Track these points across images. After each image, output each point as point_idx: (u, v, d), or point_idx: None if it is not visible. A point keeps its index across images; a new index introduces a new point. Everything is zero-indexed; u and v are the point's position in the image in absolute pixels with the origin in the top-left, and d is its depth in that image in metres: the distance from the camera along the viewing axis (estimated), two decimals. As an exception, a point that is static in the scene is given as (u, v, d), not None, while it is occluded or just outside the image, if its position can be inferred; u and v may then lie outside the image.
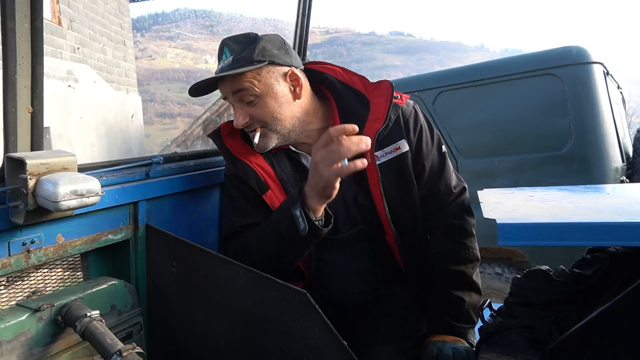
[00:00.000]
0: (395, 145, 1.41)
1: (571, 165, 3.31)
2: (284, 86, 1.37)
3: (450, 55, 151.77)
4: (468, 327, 1.40)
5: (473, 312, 1.41)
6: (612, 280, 1.12)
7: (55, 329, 1.10)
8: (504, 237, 0.92)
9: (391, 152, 1.41)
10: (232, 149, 1.46)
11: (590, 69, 3.33)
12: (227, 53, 1.35)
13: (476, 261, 1.45)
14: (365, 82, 1.46)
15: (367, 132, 1.38)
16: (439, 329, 1.39)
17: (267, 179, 1.42)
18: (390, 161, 1.41)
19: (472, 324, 1.41)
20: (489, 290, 3.60)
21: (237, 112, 1.38)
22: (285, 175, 1.44)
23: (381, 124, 1.37)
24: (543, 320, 1.11)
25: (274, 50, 1.36)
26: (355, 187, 1.44)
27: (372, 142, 1.36)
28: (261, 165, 1.43)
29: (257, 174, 1.42)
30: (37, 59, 1.04)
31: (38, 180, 1.01)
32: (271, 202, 1.42)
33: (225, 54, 1.35)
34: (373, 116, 1.39)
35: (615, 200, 1.27)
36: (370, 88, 1.45)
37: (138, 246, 1.38)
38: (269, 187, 1.42)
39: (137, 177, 1.40)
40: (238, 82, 1.34)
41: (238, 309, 1.24)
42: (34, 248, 1.11)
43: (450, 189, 1.47)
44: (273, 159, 1.46)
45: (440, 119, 3.75)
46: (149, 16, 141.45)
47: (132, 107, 10.61)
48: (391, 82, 1.43)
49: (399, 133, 1.42)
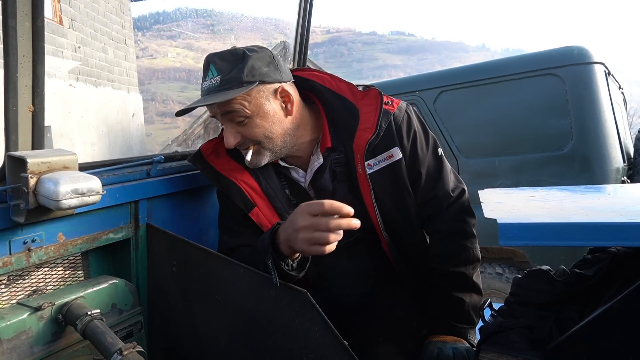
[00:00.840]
0: (388, 154, 1.38)
1: (572, 165, 3.31)
2: (275, 104, 1.34)
3: (452, 55, 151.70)
4: (469, 327, 1.39)
5: (474, 313, 1.41)
6: (613, 280, 1.12)
7: (56, 327, 1.10)
8: (505, 237, 0.92)
9: (384, 160, 1.38)
10: (216, 166, 1.43)
11: (592, 69, 3.32)
12: (213, 72, 1.29)
13: (477, 262, 1.44)
14: (353, 90, 1.42)
15: (357, 142, 1.35)
16: (440, 330, 1.39)
17: (254, 195, 1.40)
18: (383, 169, 1.38)
19: (473, 325, 1.41)
20: (489, 290, 3.60)
21: (227, 132, 1.33)
22: (272, 190, 1.41)
23: (372, 134, 1.34)
24: (544, 320, 1.11)
25: (264, 68, 1.31)
26: (350, 196, 1.41)
27: (363, 152, 1.34)
28: (247, 181, 1.40)
29: (243, 191, 1.39)
30: (38, 58, 1.04)
31: (39, 179, 1.01)
32: (258, 219, 1.39)
33: (211, 72, 1.30)
34: (363, 126, 1.36)
35: (617, 201, 1.27)
36: (358, 96, 1.40)
37: (139, 245, 1.38)
38: (255, 205, 1.39)
39: (137, 176, 1.40)
40: (227, 104, 1.29)
41: (238, 309, 1.24)
42: (35, 247, 1.11)
43: (448, 193, 1.44)
44: (259, 174, 1.42)
45: (441, 119, 3.74)
46: (150, 15, 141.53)
47: (133, 107, 10.63)
48: (379, 90, 1.39)
49: (391, 140, 1.38)
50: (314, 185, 1.43)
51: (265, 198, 1.41)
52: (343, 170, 1.42)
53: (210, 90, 1.29)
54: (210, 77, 1.30)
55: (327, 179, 1.42)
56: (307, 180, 1.44)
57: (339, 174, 1.42)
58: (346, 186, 1.42)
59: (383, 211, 1.39)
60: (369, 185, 1.36)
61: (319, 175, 1.42)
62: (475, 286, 1.43)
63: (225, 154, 1.45)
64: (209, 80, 1.30)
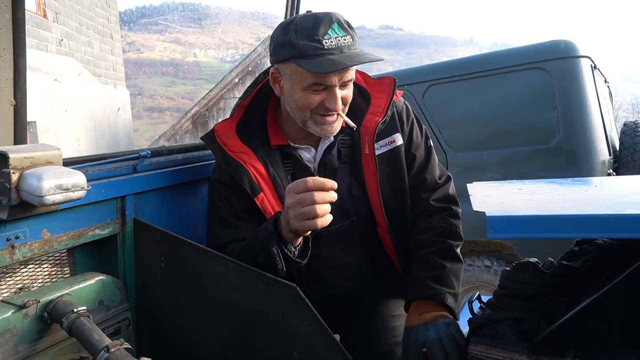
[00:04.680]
0: (390, 139, 1.44)
1: (559, 158, 3.34)
2: None
3: (440, 49, 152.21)
4: (448, 291, 1.35)
5: (454, 279, 1.38)
6: (600, 272, 1.13)
7: (42, 325, 1.08)
8: (493, 230, 0.92)
9: (386, 145, 1.44)
10: (226, 148, 1.42)
11: (578, 62, 3.35)
12: (338, 30, 1.25)
13: (460, 240, 1.45)
14: (366, 78, 1.49)
15: (366, 124, 1.40)
16: (419, 292, 1.36)
17: (260, 180, 1.40)
18: (385, 154, 1.43)
19: (453, 290, 1.36)
20: (478, 283, 3.63)
21: (336, 96, 1.30)
22: (277, 177, 1.42)
23: (381, 118, 1.40)
24: (532, 312, 1.11)
25: None
26: (350, 178, 1.44)
27: (373, 134, 1.39)
28: (255, 165, 1.41)
29: (251, 175, 1.39)
30: (19, 51, 1.02)
31: (22, 175, 0.99)
32: (262, 205, 1.40)
33: (337, 30, 1.25)
34: (373, 109, 1.42)
35: (603, 193, 1.28)
36: (371, 83, 1.48)
37: (126, 241, 1.37)
38: (262, 190, 1.40)
39: (124, 171, 1.38)
40: (353, 71, 1.31)
41: (227, 304, 1.23)
42: (19, 244, 1.09)
43: (435, 179, 1.51)
44: (267, 159, 1.43)
45: (430, 113, 3.75)
46: (137, 9, 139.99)
47: (120, 101, 10.50)
48: (394, 78, 1.46)
49: (393, 127, 1.45)
50: (321, 163, 1.46)
51: (271, 184, 1.41)
52: (347, 152, 1.46)
53: (346, 48, 1.26)
54: (337, 35, 1.25)
55: (334, 156, 1.46)
56: (318, 159, 1.46)
57: (344, 155, 1.46)
58: (348, 168, 1.45)
59: (383, 194, 1.42)
60: (375, 165, 1.39)
61: (327, 153, 1.46)
62: (457, 256, 1.42)
63: (235, 135, 1.44)
64: (337, 39, 1.25)
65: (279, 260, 1.23)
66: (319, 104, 1.30)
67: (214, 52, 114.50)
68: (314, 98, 1.30)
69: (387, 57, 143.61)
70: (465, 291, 3.66)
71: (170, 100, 78.27)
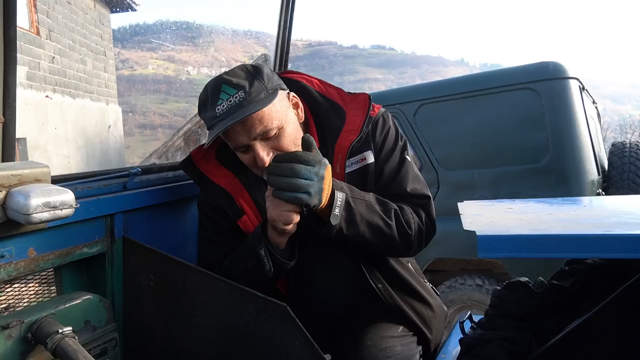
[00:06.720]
0: (361, 156, 1.39)
1: (549, 177, 3.37)
2: (291, 109, 1.33)
3: (431, 69, 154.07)
4: (353, 195, 1.27)
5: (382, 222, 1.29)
6: (590, 291, 1.13)
7: (25, 346, 1.06)
8: (484, 249, 0.92)
9: (357, 162, 1.39)
10: (206, 172, 1.41)
11: (567, 83, 3.41)
12: (230, 90, 1.22)
13: (410, 231, 1.34)
14: (342, 94, 1.45)
15: (340, 142, 1.36)
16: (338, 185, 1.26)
17: (243, 203, 1.39)
18: (354, 172, 1.39)
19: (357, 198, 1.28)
20: (469, 302, 3.62)
21: (260, 152, 1.25)
22: (260, 199, 1.39)
23: (356, 136, 1.35)
24: (523, 332, 1.11)
25: (275, 76, 1.30)
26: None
27: (346, 153, 1.35)
28: (236, 189, 1.40)
29: (233, 198, 1.38)
30: (9, 68, 1.02)
31: (8, 192, 0.98)
32: (245, 227, 1.39)
33: (227, 92, 1.22)
34: (348, 127, 1.37)
35: (593, 213, 1.29)
36: (347, 100, 1.43)
37: (114, 259, 1.35)
38: (244, 212, 1.39)
39: (114, 188, 1.37)
40: (260, 122, 1.23)
41: (217, 323, 1.21)
42: (4, 262, 1.07)
43: (405, 191, 1.40)
44: (249, 182, 1.41)
45: (421, 132, 3.78)
46: (130, 27, 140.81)
47: (112, 118, 10.50)
48: (369, 94, 1.42)
49: (366, 144, 1.39)
50: None
51: (254, 206, 1.40)
52: None
53: (235, 107, 1.21)
54: (228, 97, 1.22)
55: None
56: None
57: None
58: None
59: None
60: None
61: None
62: (406, 229, 1.33)
63: (214, 160, 1.43)
64: (228, 100, 1.22)
65: (266, 261, 1.23)
66: (254, 161, 1.29)
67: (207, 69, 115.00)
68: (245, 157, 1.31)
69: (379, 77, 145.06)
70: (457, 310, 3.64)
71: (162, 117, 78.25)
